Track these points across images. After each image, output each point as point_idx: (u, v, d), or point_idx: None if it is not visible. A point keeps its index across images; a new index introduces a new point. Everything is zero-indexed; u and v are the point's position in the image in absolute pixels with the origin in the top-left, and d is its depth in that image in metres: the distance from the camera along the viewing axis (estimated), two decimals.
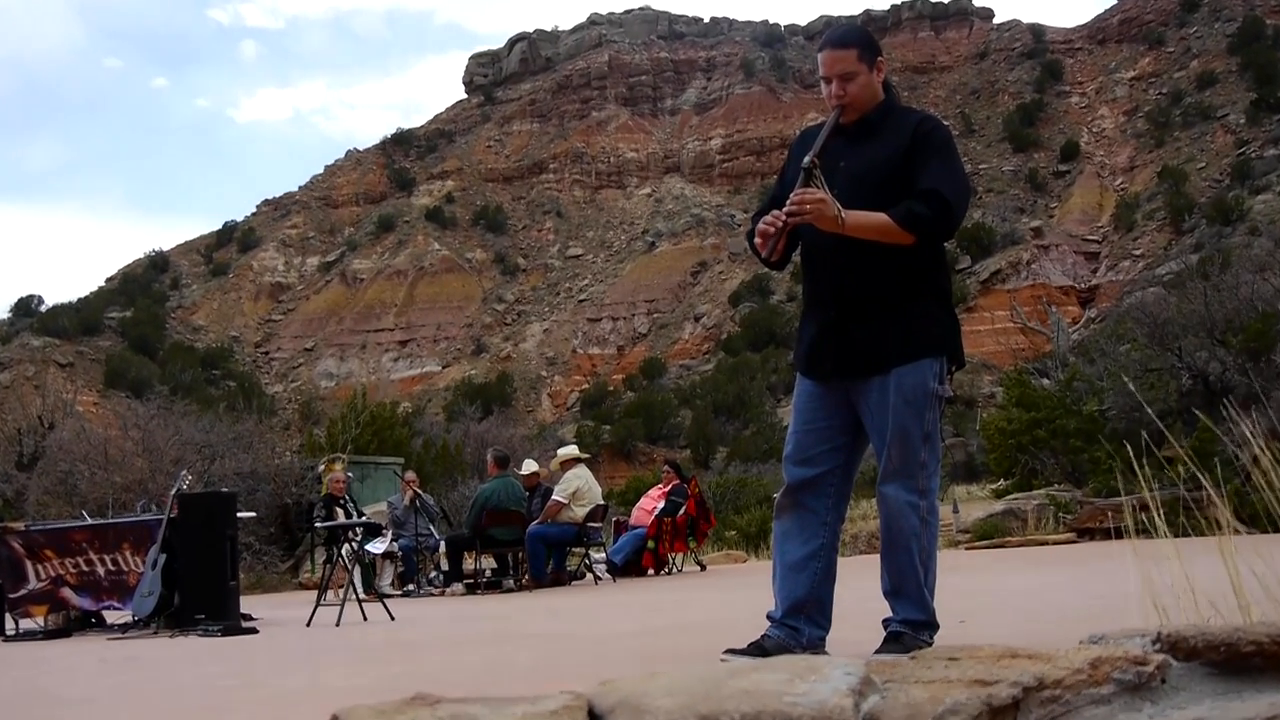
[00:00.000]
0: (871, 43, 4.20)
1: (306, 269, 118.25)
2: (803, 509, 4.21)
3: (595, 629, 7.05)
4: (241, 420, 25.48)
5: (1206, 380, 18.47)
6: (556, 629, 7.34)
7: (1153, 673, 1.80)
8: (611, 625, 7.24)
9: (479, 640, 6.64)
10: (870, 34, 4.31)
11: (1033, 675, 1.75)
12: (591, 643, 5.88)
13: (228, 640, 8.37)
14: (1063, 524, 15.39)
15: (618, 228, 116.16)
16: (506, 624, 8.16)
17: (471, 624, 8.49)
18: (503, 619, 8.73)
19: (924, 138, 4.04)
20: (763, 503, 23.81)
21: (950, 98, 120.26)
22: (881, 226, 3.90)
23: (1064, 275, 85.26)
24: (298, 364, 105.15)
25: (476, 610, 10.24)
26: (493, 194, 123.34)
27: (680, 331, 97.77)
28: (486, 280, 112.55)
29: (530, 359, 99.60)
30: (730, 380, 74.51)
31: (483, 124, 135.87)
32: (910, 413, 4.01)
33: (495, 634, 7.24)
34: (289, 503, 20.91)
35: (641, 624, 7.08)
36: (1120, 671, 1.78)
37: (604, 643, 5.79)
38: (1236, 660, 1.78)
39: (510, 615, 9.11)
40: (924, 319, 4.07)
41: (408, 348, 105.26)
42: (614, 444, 68.24)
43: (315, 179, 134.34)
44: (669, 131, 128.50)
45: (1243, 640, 1.78)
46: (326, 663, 5.93)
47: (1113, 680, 1.77)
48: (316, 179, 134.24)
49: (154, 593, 9.55)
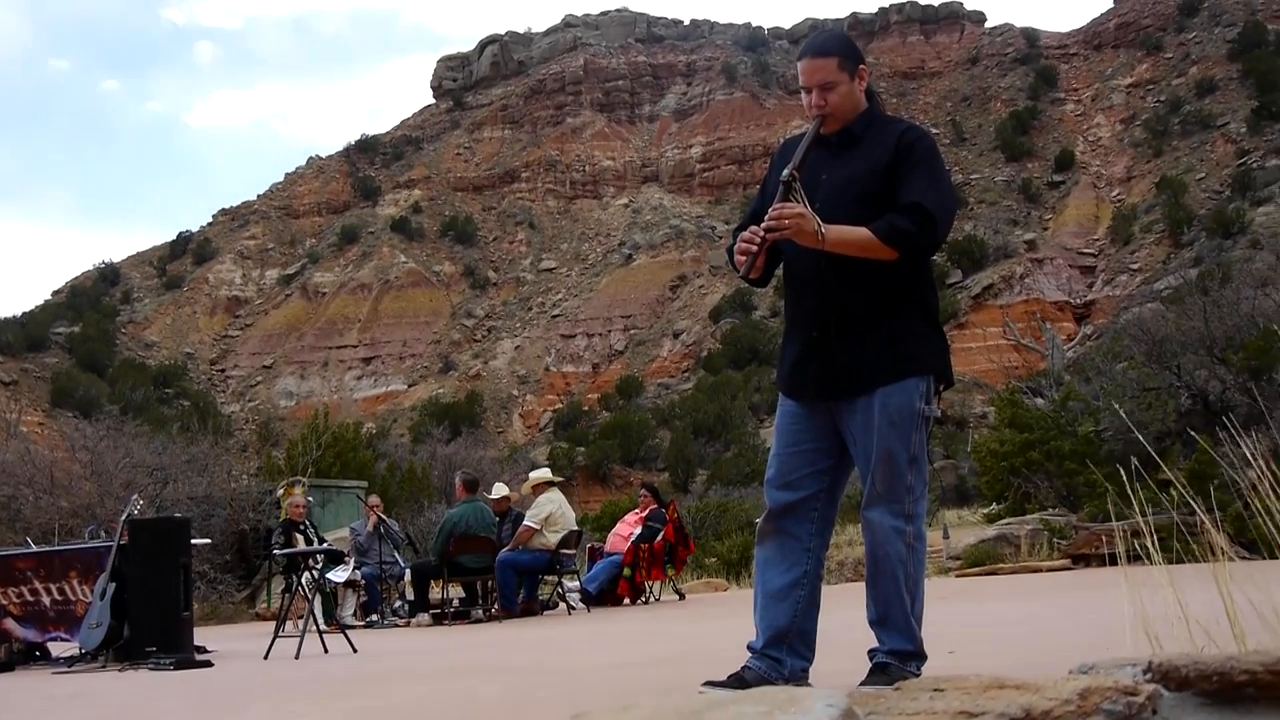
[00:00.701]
0: (853, 50, 4.23)
1: (265, 282, 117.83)
2: (785, 535, 4.22)
3: (568, 661, 7.04)
4: (196, 442, 25.34)
5: (1206, 400, 18.60)
6: (528, 661, 7.33)
7: (1143, 703, 1.82)
8: (585, 657, 7.24)
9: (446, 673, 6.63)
10: (852, 41, 4.34)
11: (1020, 706, 1.77)
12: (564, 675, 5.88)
13: (180, 674, 8.33)
14: (1057, 550, 15.45)
15: (593, 240, 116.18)
16: (475, 656, 8.15)
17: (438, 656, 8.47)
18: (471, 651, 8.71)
19: (908, 149, 4.07)
20: (744, 528, 23.81)
21: (940, 104, 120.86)
22: (863, 242, 3.92)
23: (1059, 290, 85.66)
24: (256, 382, 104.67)
25: (444, 642, 10.22)
26: (462, 204, 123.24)
27: (658, 349, 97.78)
28: (455, 295, 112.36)
29: (501, 377, 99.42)
30: (711, 400, 74.51)
31: (452, 130, 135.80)
32: (896, 434, 4.04)
33: (463, 667, 7.22)
34: (246, 529, 20.81)
35: (617, 655, 7.08)
36: (1110, 702, 1.80)
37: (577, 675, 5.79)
38: (1229, 690, 1.81)
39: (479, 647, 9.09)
40: (910, 337, 4.10)
41: (372, 365, 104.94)
42: (589, 467, 68.10)
43: (275, 187, 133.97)
44: (647, 139, 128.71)
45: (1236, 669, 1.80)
46: (285, 697, 5.91)
47: (1102, 711, 1.79)
48: (276, 187, 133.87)
49: (103, 624, 9.50)
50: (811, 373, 4.16)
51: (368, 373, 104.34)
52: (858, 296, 4.05)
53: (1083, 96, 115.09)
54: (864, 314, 4.07)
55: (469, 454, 33.79)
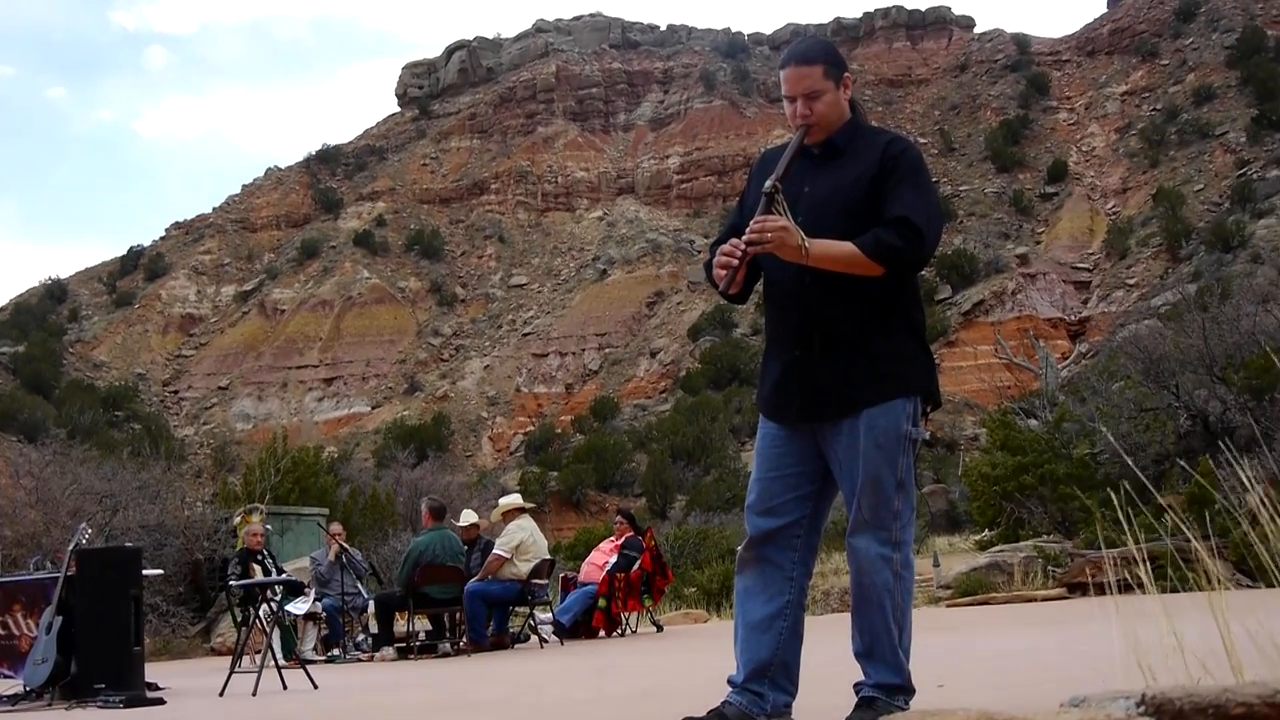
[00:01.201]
0: (837, 58, 4.26)
1: (221, 299, 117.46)
2: (766, 563, 4.23)
3: (541, 697, 7.04)
4: (147, 467, 25.21)
5: (1206, 421, 18.70)
6: (498, 697, 7.32)
7: None
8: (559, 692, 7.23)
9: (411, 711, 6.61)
10: (836, 49, 4.37)
11: None
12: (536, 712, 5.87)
13: (131, 712, 8.28)
14: (1052, 578, 15.50)
15: (566, 254, 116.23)
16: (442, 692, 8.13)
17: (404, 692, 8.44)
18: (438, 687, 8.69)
19: (893, 160, 4.10)
20: (725, 556, 23.82)
21: (928, 113, 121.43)
22: (848, 257, 3.95)
23: (1052, 306, 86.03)
24: (211, 404, 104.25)
25: (409, 677, 10.19)
26: (428, 217, 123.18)
27: (635, 368, 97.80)
28: (421, 312, 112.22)
29: (469, 398, 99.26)
30: (690, 422, 74.46)
31: (417, 140, 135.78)
32: (882, 458, 4.05)
33: (430, 704, 7.21)
34: (200, 559, 20.72)
35: (592, 690, 7.08)
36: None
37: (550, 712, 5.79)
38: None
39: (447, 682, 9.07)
40: (896, 356, 4.12)
41: (333, 386, 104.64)
42: (562, 492, 67.97)
43: (231, 200, 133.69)
44: (622, 149, 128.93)
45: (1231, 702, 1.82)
46: None
47: None
48: (232, 200, 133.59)
49: (48, 659, 9.44)
50: (794, 394, 4.17)
51: (329, 394, 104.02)
52: (842, 314, 4.07)
53: (1076, 105, 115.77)
54: (849, 332, 4.09)
55: (436, 479, 33.69)
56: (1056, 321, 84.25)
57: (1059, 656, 6.75)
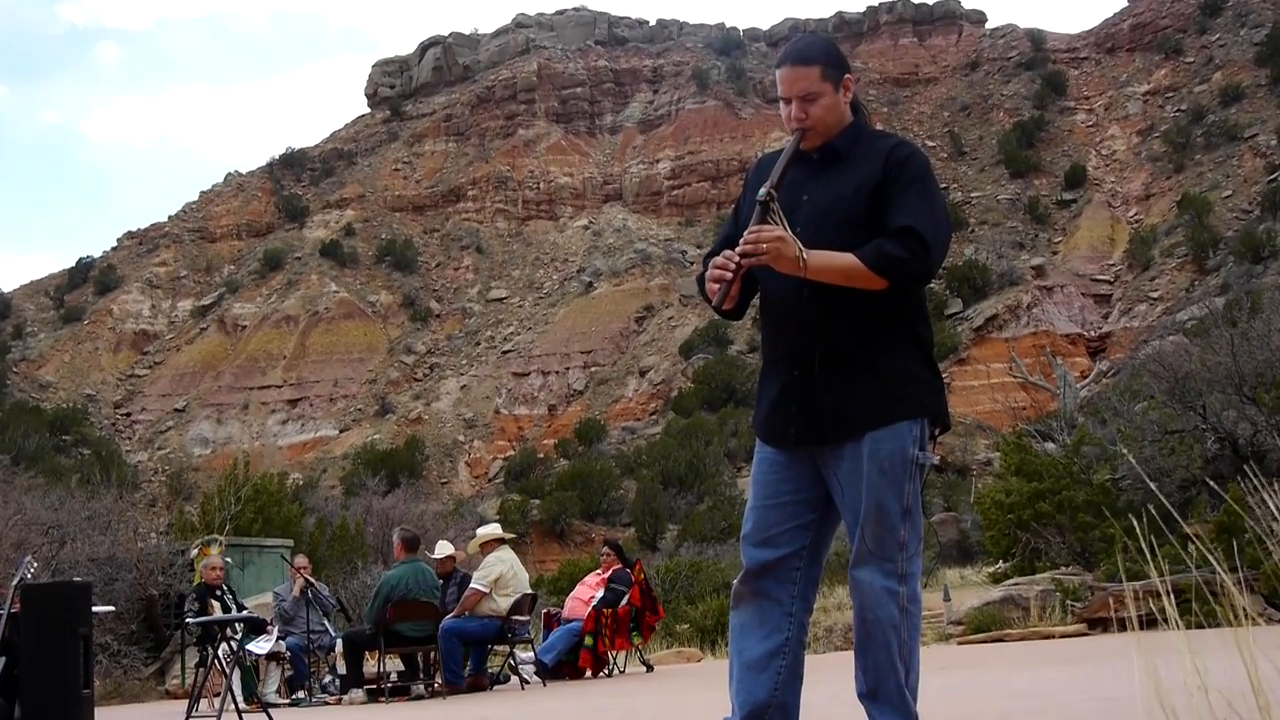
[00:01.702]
0: (838, 58, 4.27)
1: (177, 314, 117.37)
2: (764, 598, 4.24)
3: None
4: (98, 496, 25.19)
5: (1235, 444, 18.74)
6: None
7: None
8: None
9: None
10: (836, 47, 4.38)
11: None
12: None
13: None
14: (1071, 613, 15.51)
15: (549, 266, 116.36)
16: None
17: None
18: None
19: (898, 166, 4.11)
20: (720, 590, 23.81)
21: (937, 114, 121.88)
22: (849, 269, 3.95)
23: (1070, 321, 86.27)
24: (166, 428, 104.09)
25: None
26: (400, 226, 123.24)
27: (623, 388, 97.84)
28: (393, 328, 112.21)
29: (445, 421, 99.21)
30: (682, 446, 74.47)
31: (389, 143, 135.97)
32: (887, 484, 4.06)
33: None
34: (155, 594, 20.68)
35: None
36: None
37: None
38: None
39: None
40: (901, 375, 4.12)
41: (298, 408, 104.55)
42: (544, 522, 67.89)
43: (188, 207, 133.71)
44: (609, 153, 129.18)
45: None
46: None
47: None
48: (189, 207, 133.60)
49: None
50: (792, 416, 4.18)
51: (294, 416, 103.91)
52: (843, 330, 4.08)
53: (1095, 105, 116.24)
54: (850, 350, 4.09)
55: (409, 508, 33.65)
56: (1075, 337, 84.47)
57: (1077, 697, 6.76)
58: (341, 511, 33.60)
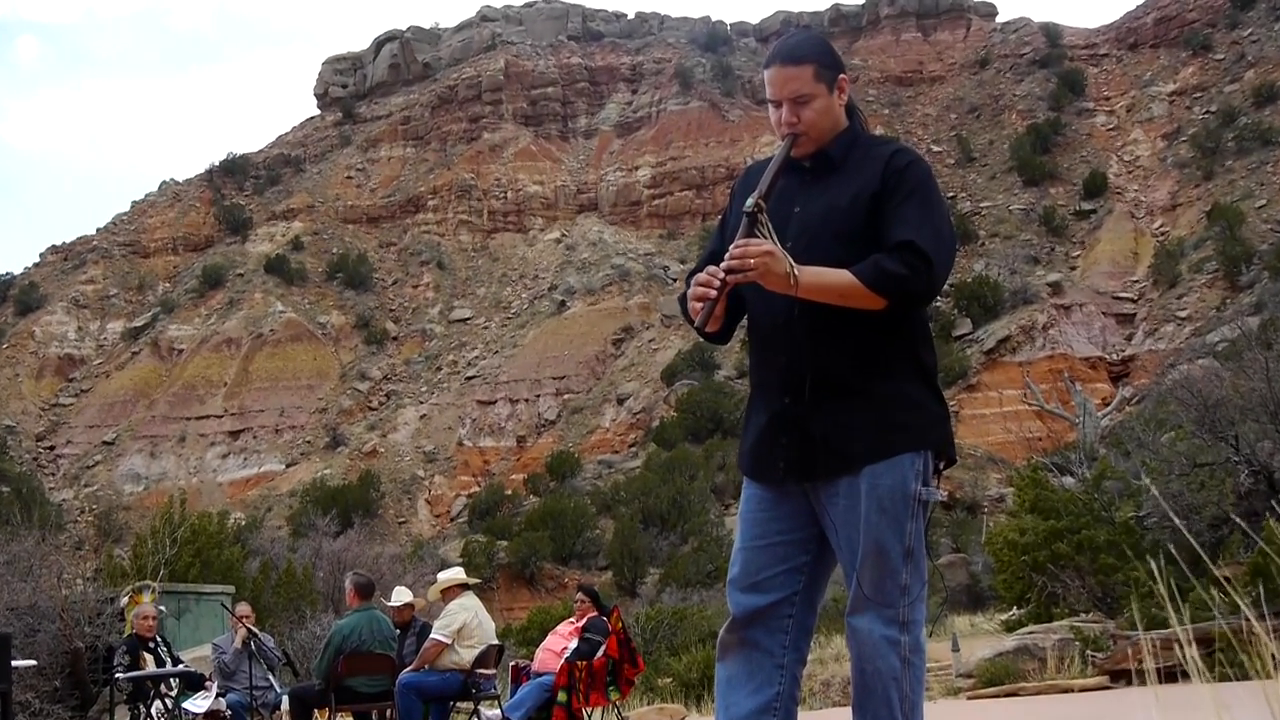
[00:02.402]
0: (832, 57, 4.29)
1: (106, 337, 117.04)
2: (753, 648, 4.24)
3: None
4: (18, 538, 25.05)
5: (1271, 478, 18.80)
6: None
7: None
8: None
9: None
10: (830, 45, 4.39)
11: None
12: None
13: None
14: (1092, 664, 15.54)
15: (517, 283, 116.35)
16: None
17: None
18: None
19: (897, 175, 4.13)
20: (706, 640, 23.82)
21: (943, 116, 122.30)
22: (844, 287, 3.97)
23: (1090, 343, 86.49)
24: (94, 462, 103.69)
25: None
26: (353, 239, 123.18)
27: (599, 418, 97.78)
28: (345, 352, 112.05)
29: (403, 454, 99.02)
30: (664, 481, 74.42)
31: (341, 148, 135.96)
32: (887, 523, 4.07)
33: None
34: (81, 647, 20.56)
35: None
36: None
37: None
38: None
39: None
40: (902, 403, 4.14)
41: (240, 440, 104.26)
42: (512, 565, 67.77)
43: (119, 219, 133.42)
44: (583, 159, 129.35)
45: None
46: None
47: None
48: (120, 219, 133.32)
49: None
50: (781, 448, 4.18)
51: (235, 449, 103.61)
52: (838, 354, 4.09)
53: (1116, 107, 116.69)
54: (846, 375, 4.11)
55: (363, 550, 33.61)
56: (1095, 361, 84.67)
57: None
58: (288, 554, 33.53)
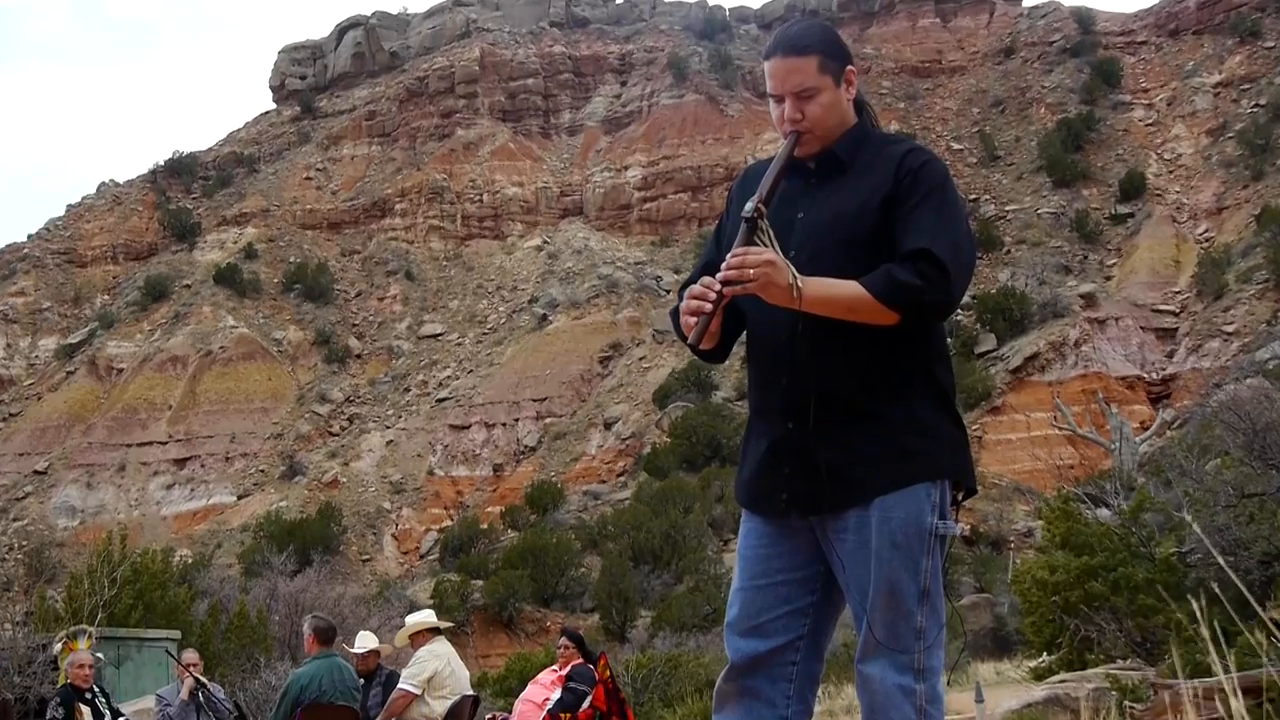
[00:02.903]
0: (838, 46, 4.29)
1: (38, 355, 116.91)
2: (753, 698, 4.25)
3: None
4: None
5: None
6: None
7: None
8: None
9: None
10: (836, 34, 4.39)
11: None
12: None
13: None
14: (1130, 716, 15.56)
15: (494, 295, 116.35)
16: None
17: None
18: None
19: (911, 177, 4.13)
20: (702, 690, 23.81)
21: (964, 110, 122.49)
22: (852, 300, 3.97)
23: (1127, 361, 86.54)
24: (24, 494, 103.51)
25: None
26: (313, 247, 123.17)
27: (584, 444, 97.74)
28: (304, 371, 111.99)
29: (367, 484, 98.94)
30: (656, 513, 74.38)
31: (299, 146, 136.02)
32: (900, 560, 4.07)
33: None
34: (10, 698, 20.54)
35: None
36: None
37: None
38: None
39: None
40: (916, 427, 4.14)
41: (187, 469, 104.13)
42: (489, 607, 67.72)
43: (53, 225, 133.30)
44: (567, 158, 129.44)
45: None
46: None
47: None
48: (54, 225, 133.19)
49: None
50: (782, 478, 4.18)
51: (181, 480, 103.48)
52: (845, 374, 4.09)
53: (1155, 100, 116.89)
54: (854, 398, 4.11)
55: (323, 591, 33.61)
56: (1133, 381, 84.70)
57: None
58: (240, 595, 33.52)
